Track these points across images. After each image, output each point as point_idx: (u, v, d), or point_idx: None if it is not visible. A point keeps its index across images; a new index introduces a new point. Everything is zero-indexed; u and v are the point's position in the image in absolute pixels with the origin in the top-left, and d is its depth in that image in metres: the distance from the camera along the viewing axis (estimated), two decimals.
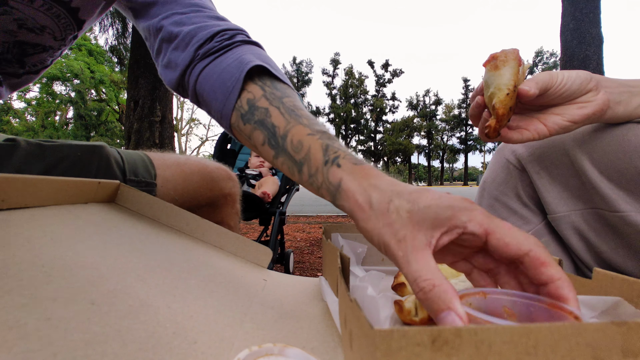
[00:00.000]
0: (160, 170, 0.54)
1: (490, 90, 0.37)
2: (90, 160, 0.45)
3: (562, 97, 0.38)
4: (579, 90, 0.38)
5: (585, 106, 0.38)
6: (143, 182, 0.50)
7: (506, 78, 0.36)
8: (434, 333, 0.15)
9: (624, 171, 0.40)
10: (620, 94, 0.39)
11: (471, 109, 0.41)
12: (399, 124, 34.51)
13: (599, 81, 0.39)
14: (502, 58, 0.36)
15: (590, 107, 0.38)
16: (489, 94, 0.37)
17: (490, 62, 0.37)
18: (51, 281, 0.20)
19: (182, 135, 26.77)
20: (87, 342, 0.17)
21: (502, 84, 0.36)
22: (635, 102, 0.39)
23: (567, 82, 0.38)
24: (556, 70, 0.39)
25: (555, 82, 0.37)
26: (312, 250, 2.08)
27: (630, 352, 0.15)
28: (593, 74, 0.39)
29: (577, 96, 0.38)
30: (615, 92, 0.39)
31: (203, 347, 0.22)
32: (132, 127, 3.25)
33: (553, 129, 0.38)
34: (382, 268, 0.50)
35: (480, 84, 0.40)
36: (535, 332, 0.15)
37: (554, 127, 0.38)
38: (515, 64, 0.36)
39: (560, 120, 0.38)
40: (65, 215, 0.30)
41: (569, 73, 0.38)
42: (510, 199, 0.53)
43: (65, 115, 22.81)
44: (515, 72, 0.36)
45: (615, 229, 0.43)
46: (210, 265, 0.36)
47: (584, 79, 0.38)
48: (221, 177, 0.64)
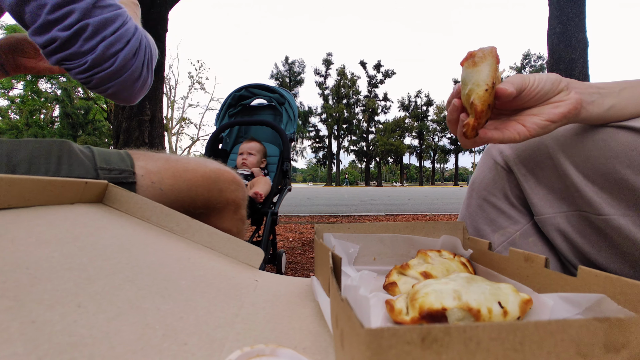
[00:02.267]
0: (142, 162, 0.53)
1: (468, 88, 0.37)
2: (49, 150, 0.44)
3: (536, 98, 0.39)
4: (551, 90, 0.39)
5: (559, 105, 0.39)
6: (116, 170, 0.49)
7: (484, 74, 0.36)
8: (424, 331, 0.15)
9: (607, 175, 0.41)
10: (591, 94, 0.40)
11: (448, 113, 0.41)
12: (391, 125, 34.76)
13: (568, 82, 0.40)
14: (479, 55, 0.36)
15: (565, 106, 0.39)
16: (467, 92, 0.37)
17: (467, 60, 0.37)
18: (36, 283, 0.20)
19: (173, 134, 26.39)
20: (73, 344, 0.17)
21: (480, 80, 0.36)
22: (608, 103, 0.40)
23: (539, 83, 0.38)
24: (528, 74, 0.40)
25: (528, 83, 0.38)
26: (305, 250, 2.08)
27: (612, 347, 0.16)
28: (560, 76, 0.40)
29: (550, 96, 0.39)
30: (586, 92, 0.40)
31: (193, 349, 0.21)
32: (120, 126, 3.19)
33: (533, 129, 0.39)
34: (374, 268, 0.50)
35: (457, 87, 0.39)
36: (522, 329, 0.15)
37: (534, 127, 0.39)
38: (493, 61, 0.36)
39: (539, 120, 0.39)
40: (51, 216, 0.29)
41: (539, 75, 0.39)
42: (499, 200, 0.54)
43: (50, 114, 22.22)
44: (493, 69, 0.36)
45: (600, 231, 0.44)
46: (201, 266, 0.36)
47: (554, 80, 0.39)
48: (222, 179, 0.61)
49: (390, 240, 0.53)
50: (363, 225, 0.54)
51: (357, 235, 0.53)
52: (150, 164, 0.54)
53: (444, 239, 0.50)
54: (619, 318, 0.16)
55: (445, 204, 6.50)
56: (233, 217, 0.64)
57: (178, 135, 27.10)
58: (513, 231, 0.53)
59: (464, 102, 0.38)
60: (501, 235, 0.54)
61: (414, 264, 0.43)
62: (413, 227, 0.53)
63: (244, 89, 1.70)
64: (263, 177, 1.51)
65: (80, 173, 0.45)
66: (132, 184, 0.50)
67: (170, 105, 25.13)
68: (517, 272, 0.37)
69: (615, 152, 0.40)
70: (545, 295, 0.31)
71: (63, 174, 0.44)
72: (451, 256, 0.45)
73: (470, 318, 0.28)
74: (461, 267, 0.42)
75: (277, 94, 1.68)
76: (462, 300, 0.28)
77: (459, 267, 0.42)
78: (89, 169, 0.47)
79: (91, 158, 0.48)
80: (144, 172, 0.52)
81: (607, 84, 0.41)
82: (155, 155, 0.56)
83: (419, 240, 0.52)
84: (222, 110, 1.71)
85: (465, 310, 0.28)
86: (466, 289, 0.30)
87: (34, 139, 0.45)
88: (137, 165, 0.52)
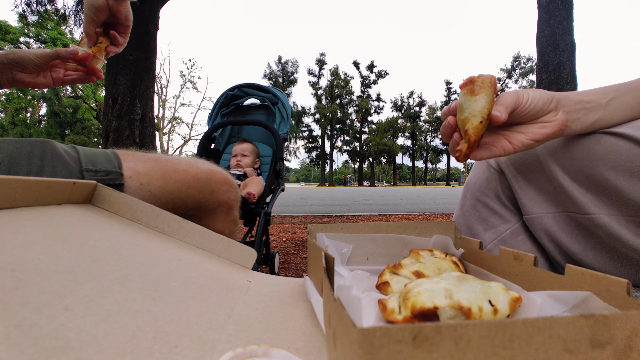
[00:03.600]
0: (130, 163, 0.51)
1: (464, 115, 0.38)
2: (31, 151, 0.42)
3: (526, 116, 0.41)
4: (541, 110, 0.41)
5: (546, 126, 0.41)
6: (103, 171, 0.47)
7: (481, 105, 0.37)
8: (415, 330, 0.15)
9: (592, 177, 0.43)
10: (577, 111, 0.42)
11: (443, 127, 0.42)
12: (384, 125, 34.97)
13: (558, 101, 0.42)
14: (479, 84, 0.37)
15: (551, 127, 0.41)
16: (463, 118, 0.38)
17: (467, 86, 0.37)
18: (22, 286, 0.19)
19: (164, 134, 26.03)
20: (60, 348, 0.16)
21: (476, 111, 0.37)
22: (592, 118, 0.42)
23: (532, 101, 0.40)
24: (521, 89, 0.41)
25: (521, 102, 0.40)
26: (298, 250, 2.08)
27: (598, 343, 0.16)
28: (554, 94, 0.42)
29: (539, 116, 0.41)
30: (572, 110, 0.42)
31: (185, 351, 0.21)
32: (110, 125, 3.13)
33: (517, 147, 0.41)
34: (367, 267, 0.50)
35: (453, 104, 0.41)
36: (511, 326, 0.16)
37: (518, 144, 0.41)
38: (491, 92, 0.37)
39: (524, 138, 0.41)
40: (38, 217, 0.29)
41: (533, 92, 0.41)
42: (491, 200, 0.56)
43: (37, 112, 21.69)
44: (490, 99, 0.37)
45: (586, 231, 0.45)
46: (193, 267, 0.35)
47: (546, 100, 0.41)
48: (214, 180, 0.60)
49: (383, 240, 0.53)
50: (356, 225, 0.54)
51: (350, 235, 0.53)
52: (139, 165, 0.52)
53: (435, 239, 0.50)
54: (604, 315, 0.16)
55: (438, 203, 6.56)
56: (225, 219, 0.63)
57: (170, 134, 26.76)
58: (504, 229, 0.54)
59: (459, 125, 0.40)
60: (492, 233, 0.55)
61: (406, 264, 0.43)
62: (405, 227, 0.54)
63: (237, 88, 1.69)
64: (256, 177, 1.50)
65: (64, 175, 0.44)
66: (120, 185, 0.48)
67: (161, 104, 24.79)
68: (506, 270, 0.38)
69: (600, 155, 0.41)
70: (534, 293, 0.31)
71: (46, 176, 0.42)
72: (443, 255, 0.45)
73: (461, 316, 0.28)
74: (453, 266, 0.43)
75: (270, 94, 1.68)
76: (453, 299, 0.29)
77: (451, 266, 0.43)
78: (73, 171, 0.45)
79: (76, 159, 0.46)
80: (132, 174, 0.50)
81: (595, 95, 0.43)
82: (144, 156, 0.55)
83: (412, 240, 0.52)
84: (214, 110, 1.70)
85: (457, 308, 0.28)
86: (457, 288, 0.30)
87: (14, 138, 0.43)
88: (124, 166, 0.50)
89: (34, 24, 7.37)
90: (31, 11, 5.75)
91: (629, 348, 0.16)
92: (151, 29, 3.27)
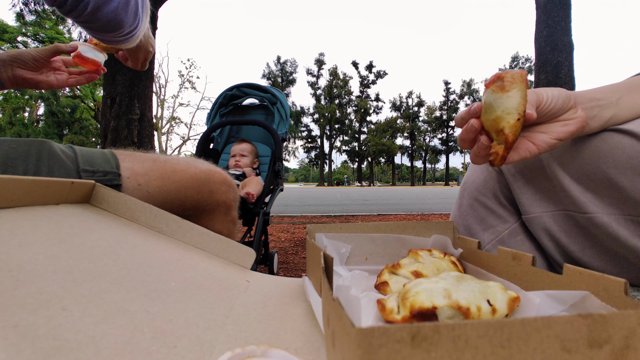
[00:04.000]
0: (128, 163, 0.51)
1: (496, 114, 0.35)
2: (27, 151, 0.42)
3: (547, 115, 0.39)
4: (562, 108, 0.39)
5: (568, 124, 0.39)
6: (100, 172, 0.47)
7: (516, 101, 0.33)
8: (414, 330, 0.15)
9: (592, 175, 0.42)
10: (592, 108, 0.41)
11: (464, 132, 0.39)
12: (383, 125, 34.99)
13: (576, 98, 0.40)
14: (509, 79, 0.34)
15: (573, 125, 0.39)
16: (494, 118, 0.35)
17: (494, 83, 0.35)
18: (19, 286, 0.19)
19: (163, 134, 25.97)
20: (57, 349, 0.16)
21: (511, 108, 0.34)
22: (607, 115, 0.41)
23: (552, 99, 0.39)
24: (539, 89, 0.40)
25: (542, 101, 0.38)
26: (297, 250, 2.08)
27: (595, 343, 0.16)
28: (569, 92, 0.40)
29: (560, 114, 0.40)
30: (588, 107, 0.41)
31: (183, 352, 0.21)
32: (108, 125, 3.12)
33: (542, 147, 0.39)
34: (366, 267, 0.50)
35: (475, 106, 0.38)
36: (509, 326, 0.16)
37: (543, 145, 0.39)
38: (524, 87, 0.34)
39: (548, 138, 0.39)
40: (36, 217, 0.29)
41: (551, 91, 0.39)
42: (489, 199, 0.56)
43: (35, 112, 21.60)
44: (524, 95, 0.34)
45: (584, 230, 0.45)
46: (192, 267, 0.35)
47: (565, 98, 0.39)
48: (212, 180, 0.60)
49: (381, 240, 0.53)
50: (355, 225, 0.54)
51: (348, 235, 0.53)
52: (137, 165, 0.52)
53: (434, 239, 0.50)
54: (602, 314, 0.16)
55: (436, 203, 6.58)
56: (224, 219, 0.63)
57: (168, 134, 26.70)
58: (502, 229, 0.54)
59: (487, 127, 0.36)
60: (491, 233, 0.55)
61: (405, 264, 0.43)
62: (404, 227, 0.54)
63: (236, 88, 1.69)
64: (255, 177, 1.50)
65: (61, 175, 0.43)
66: (117, 186, 0.48)
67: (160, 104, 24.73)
68: (505, 270, 0.38)
69: (602, 153, 0.41)
70: (532, 292, 0.31)
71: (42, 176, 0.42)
72: (441, 255, 0.45)
73: (460, 316, 0.28)
74: (451, 266, 0.43)
75: (269, 94, 1.68)
76: (452, 299, 0.29)
77: (449, 266, 0.43)
78: (70, 171, 0.45)
79: (73, 159, 0.46)
80: (130, 174, 0.50)
81: (605, 93, 0.42)
82: (142, 156, 0.55)
83: (410, 240, 0.52)
84: (213, 110, 1.69)
85: (455, 308, 0.28)
86: (456, 288, 0.30)
87: (10, 138, 0.43)
88: (122, 166, 0.50)
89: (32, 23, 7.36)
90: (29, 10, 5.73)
91: (626, 347, 0.16)
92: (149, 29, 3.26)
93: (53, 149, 0.45)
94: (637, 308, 0.24)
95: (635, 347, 0.16)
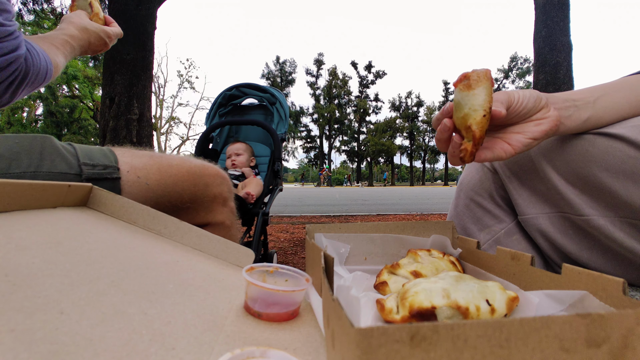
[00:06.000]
0: (126, 158, 0.52)
1: (464, 112, 0.36)
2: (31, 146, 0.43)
3: (520, 115, 0.40)
4: (534, 108, 0.40)
5: (541, 123, 0.40)
6: (100, 165, 0.48)
7: (481, 98, 0.35)
8: (413, 330, 0.15)
9: (586, 179, 0.42)
10: (567, 108, 0.42)
11: (438, 132, 0.40)
12: (382, 125, 35.00)
13: (548, 98, 0.41)
14: (474, 78, 0.35)
15: (546, 124, 0.40)
16: (462, 115, 0.36)
17: (462, 82, 0.36)
18: (16, 290, 0.19)
19: (162, 134, 25.93)
20: (54, 353, 0.16)
21: (477, 105, 0.35)
22: (584, 116, 0.42)
23: (523, 100, 0.39)
24: (511, 90, 0.41)
25: (513, 101, 0.39)
26: (296, 250, 2.07)
27: (593, 342, 0.16)
28: (540, 93, 0.41)
29: (532, 114, 0.40)
30: (563, 107, 0.41)
31: (181, 353, 0.21)
32: (107, 125, 3.11)
33: (517, 147, 0.40)
34: (365, 267, 0.50)
35: (447, 106, 0.39)
36: (508, 325, 0.16)
37: (518, 145, 0.40)
38: (489, 85, 0.35)
39: (523, 138, 0.40)
40: (32, 221, 0.28)
41: (522, 92, 0.40)
42: (485, 200, 0.56)
43: (34, 112, 21.53)
44: (489, 92, 0.35)
45: (582, 231, 0.45)
46: (190, 269, 0.35)
47: (536, 97, 0.40)
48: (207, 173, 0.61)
49: (381, 240, 0.53)
50: (354, 225, 0.54)
51: (348, 235, 0.53)
52: (135, 160, 0.53)
53: (433, 239, 0.50)
54: (600, 314, 0.16)
55: (436, 203, 6.58)
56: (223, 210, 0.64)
57: (167, 134, 26.66)
58: (498, 229, 0.54)
59: (458, 125, 0.38)
60: (487, 233, 0.55)
61: (404, 264, 0.43)
62: (403, 227, 0.54)
63: (235, 88, 1.69)
64: (254, 177, 1.50)
65: (63, 168, 0.44)
66: (117, 179, 0.49)
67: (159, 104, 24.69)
68: (504, 270, 0.38)
69: (593, 157, 0.41)
70: (531, 292, 0.31)
71: (45, 169, 0.43)
72: (441, 255, 0.45)
73: (459, 316, 0.28)
74: (450, 266, 0.43)
75: (269, 94, 1.68)
76: (451, 299, 0.29)
77: (448, 266, 0.43)
78: (72, 165, 0.46)
79: (74, 154, 0.47)
80: (129, 168, 0.51)
81: (582, 94, 0.43)
82: (139, 152, 0.56)
83: (409, 240, 0.52)
84: (212, 110, 1.69)
85: (454, 308, 0.28)
86: (455, 288, 0.30)
87: (14, 134, 0.44)
88: (121, 161, 0.51)
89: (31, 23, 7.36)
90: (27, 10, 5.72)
91: (624, 347, 0.16)
92: (149, 29, 3.26)
93: (55, 144, 0.46)
94: (636, 308, 0.24)
95: (634, 346, 0.16)
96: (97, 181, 0.46)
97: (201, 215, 0.61)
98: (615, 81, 0.44)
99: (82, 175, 0.46)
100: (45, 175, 0.42)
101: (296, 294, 0.30)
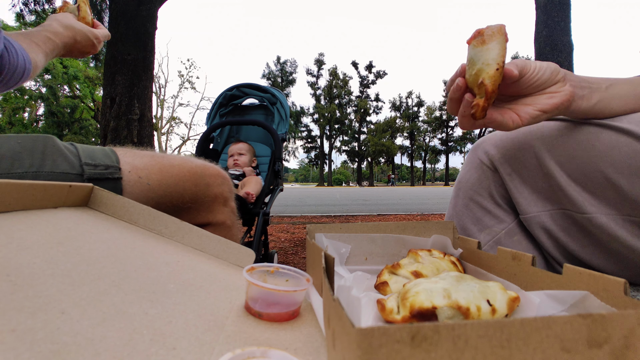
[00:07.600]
0: (128, 158, 0.53)
1: (477, 67, 0.35)
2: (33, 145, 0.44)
3: (534, 86, 0.39)
4: (549, 80, 0.39)
5: (554, 96, 0.39)
6: (102, 165, 0.48)
7: (494, 53, 0.34)
8: (413, 330, 0.15)
9: (590, 175, 0.42)
10: (582, 88, 0.41)
11: (451, 92, 0.39)
12: (382, 125, 34.97)
13: (565, 73, 0.41)
14: (488, 33, 0.35)
15: (559, 97, 0.39)
16: (475, 71, 0.35)
17: (476, 38, 0.35)
18: (17, 290, 0.19)
19: (163, 134, 25.97)
20: (56, 352, 0.16)
21: (490, 59, 0.34)
22: (595, 98, 0.41)
23: (539, 71, 0.39)
24: (530, 60, 0.40)
25: (529, 70, 0.38)
26: (296, 250, 2.07)
27: (595, 342, 0.16)
28: (559, 67, 0.40)
29: (547, 86, 0.40)
30: (578, 86, 0.41)
31: (182, 353, 0.21)
32: (108, 125, 3.12)
33: (525, 119, 0.39)
34: (365, 267, 0.50)
35: (462, 66, 0.38)
36: (509, 326, 0.16)
37: (526, 116, 0.39)
38: (502, 39, 0.34)
39: (532, 110, 0.39)
40: (33, 221, 0.28)
41: (540, 63, 0.39)
42: (484, 199, 0.55)
43: (35, 112, 21.58)
44: (503, 47, 0.34)
45: (584, 229, 0.45)
46: (191, 269, 0.35)
47: (554, 70, 0.39)
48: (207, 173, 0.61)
49: (381, 240, 0.53)
50: (355, 225, 0.54)
51: (348, 235, 0.53)
52: (137, 160, 0.53)
53: (434, 239, 0.50)
54: (601, 314, 0.16)
55: (436, 203, 6.58)
56: (224, 210, 0.65)
57: (168, 134, 26.69)
58: (498, 230, 0.54)
59: (470, 83, 0.37)
60: (487, 234, 0.55)
61: (404, 264, 0.43)
62: (404, 227, 0.54)
63: (236, 88, 1.69)
64: (254, 176, 1.50)
65: (65, 168, 0.45)
66: (119, 179, 0.49)
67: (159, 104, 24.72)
68: (505, 270, 0.38)
69: (599, 152, 0.41)
70: (532, 292, 0.31)
71: (47, 169, 0.43)
72: (441, 255, 0.45)
73: (459, 316, 0.28)
74: (451, 266, 0.43)
75: (269, 94, 1.68)
76: (451, 299, 0.29)
77: (449, 266, 0.43)
78: (74, 164, 0.46)
79: (75, 154, 0.47)
80: (130, 168, 0.52)
81: (596, 79, 0.43)
82: (141, 152, 0.56)
83: (410, 240, 0.52)
84: (213, 110, 1.69)
85: (455, 308, 0.28)
86: (456, 288, 0.30)
87: (16, 134, 0.44)
88: (122, 161, 0.52)
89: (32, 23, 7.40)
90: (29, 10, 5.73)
91: (625, 347, 0.16)
92: (149, 29, 3.26)
93: (57, 143, 0.46)
94: (637, 308, 0.24)
95: (635, 346, 0.16)
96: (98, 181, 0.46)
97: (202, 215, 0.61)
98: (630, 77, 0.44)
99: (84, 175, 0.46)
100: (47, 175, 0.42)
101: (297, 294, 0.30)
